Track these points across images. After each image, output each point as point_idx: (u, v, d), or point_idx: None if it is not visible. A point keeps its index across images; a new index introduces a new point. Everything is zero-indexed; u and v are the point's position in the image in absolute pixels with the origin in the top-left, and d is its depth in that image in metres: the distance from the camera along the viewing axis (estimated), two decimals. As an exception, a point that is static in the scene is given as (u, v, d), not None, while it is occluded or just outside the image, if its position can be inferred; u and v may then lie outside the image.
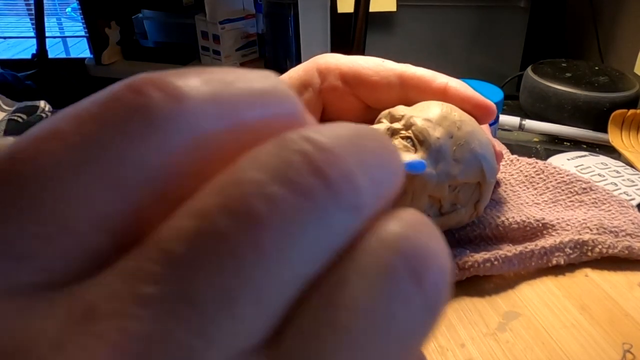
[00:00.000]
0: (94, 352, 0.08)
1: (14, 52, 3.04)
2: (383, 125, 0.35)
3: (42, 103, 0.51)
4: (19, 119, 0.50)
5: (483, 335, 0.33)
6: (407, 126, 0.34)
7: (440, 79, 0.37)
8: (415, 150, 0.33)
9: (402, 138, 0.34)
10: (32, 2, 2.24)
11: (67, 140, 0.09)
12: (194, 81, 0.10)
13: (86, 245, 0.09)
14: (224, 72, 0.11)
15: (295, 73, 0.39)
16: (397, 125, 0.35)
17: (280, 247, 0.09)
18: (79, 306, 0.08)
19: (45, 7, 2.23)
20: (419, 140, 0.33)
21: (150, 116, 0.09)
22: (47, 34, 2.30)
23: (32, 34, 2.45)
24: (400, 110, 0.35)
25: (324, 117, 0.40)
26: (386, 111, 0.36)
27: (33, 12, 2.27)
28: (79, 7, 2.01)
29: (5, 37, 3.11)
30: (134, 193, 0.09)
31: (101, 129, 0.09)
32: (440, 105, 0.35)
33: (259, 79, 0.11)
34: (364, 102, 0.39)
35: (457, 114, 0.35)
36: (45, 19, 2.25)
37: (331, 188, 0.09)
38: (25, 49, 2.91)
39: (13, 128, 0.49)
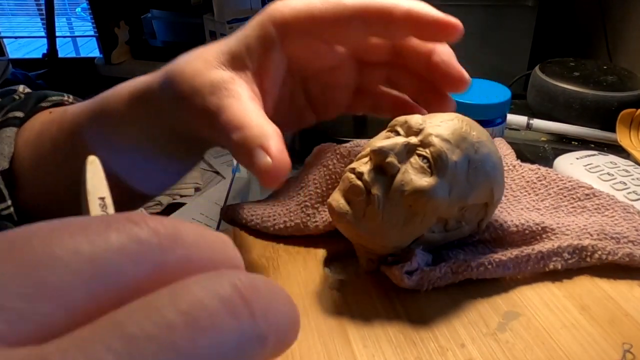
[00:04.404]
0: None
1: (25, 51, 3.07)
2: (400, 139, 0.34)
3: (21, 87, 0.49)
4: None
5: (483, 335, 0.32)
6: (425, 144, 0.34)
7: (402, 5, 0.35)
8: (432, 174, 0.33)
9: (418, 156, 0.34)
10: (43, 2, 2.26)
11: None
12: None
13: (48, 319, 0.11)
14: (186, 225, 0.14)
15: (251, 31, 0.36)
16: (414, 140, 0.34)
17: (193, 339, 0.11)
18: (34, 355, 0.10)
19: (55, 7, 2.24)
20: (435, 163, 0.33)
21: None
22: (57, 34, 2.33)
23: (43, 34, 2.47)
24: (418, 121, 0.35)
25: (292, 67, 0.38)
26: (402, 118, 0.36)
27: (44, 12, 2.29)
28: (89, 7, 2.03)
29: (16, 37, 3.14)
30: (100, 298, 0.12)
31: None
32: (461, 122, 0.35)
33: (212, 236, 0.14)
34: (331, 46, 0.38)
35: (475, 132, 0.35)
36: (56, 19, 2.27)
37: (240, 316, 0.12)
38: (36, 49, 2.94)
39: None
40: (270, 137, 0.31)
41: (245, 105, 0.33)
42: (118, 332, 0.11)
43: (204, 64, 0.35)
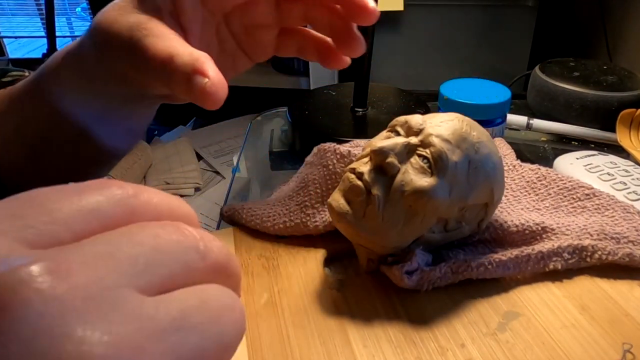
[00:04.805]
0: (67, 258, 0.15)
1: (24, 51, 3.07)
2: (400, 139, 0.34)
3: None
4: None
5: (483, 335, 0.32)
6: (425, 144, 0.34)
7: None
8: (432, 174, 0.33)
9: (419, 156, 0.34)
10: (43, 2, 2.26)
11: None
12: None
13: (60, 237, 0.16)
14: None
15: None
16: (414, 140, 0.34)
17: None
18: (54, 250, 0.15)
19: (55, 7, 2.24)
20: (436, 163, 0.33)
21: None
22: (57, 34, 2.32)
23: (43, 34, 2.47)
24: (418, 121, 0.35)
25: (209, 4, 0.38)
26: (403, 118, 0.36)
27: (44, 12, 2.29)
28: (89, 7, 2.03)
29: (16, 37, 3.14)
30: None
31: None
32: (461, 122, 0.35)
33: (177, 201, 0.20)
34: None
35: (475, 133, 0.35)
36: (56, 19, 2.27)
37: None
38: (35, 49, 2.93)
39: None
40: (202, 60, 0.31)
41: (168, 39, 0.33)
42: (106, 238, 0.16)
43: (119, 11, 0.35)
